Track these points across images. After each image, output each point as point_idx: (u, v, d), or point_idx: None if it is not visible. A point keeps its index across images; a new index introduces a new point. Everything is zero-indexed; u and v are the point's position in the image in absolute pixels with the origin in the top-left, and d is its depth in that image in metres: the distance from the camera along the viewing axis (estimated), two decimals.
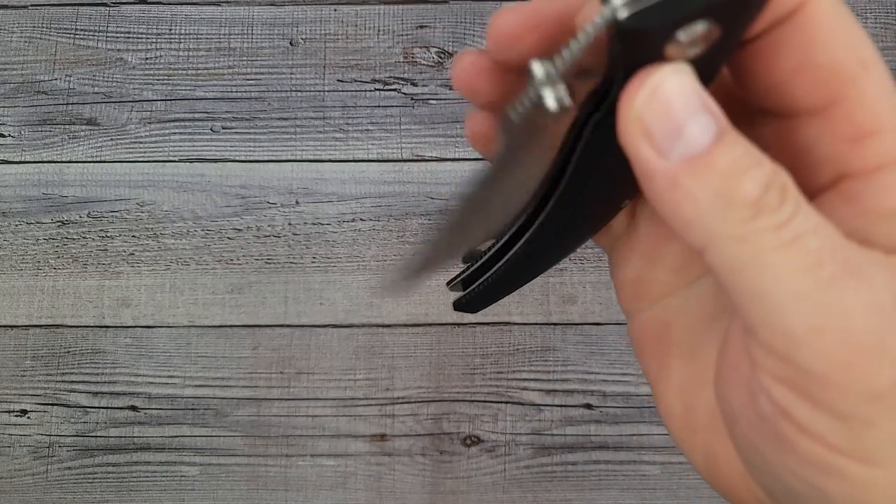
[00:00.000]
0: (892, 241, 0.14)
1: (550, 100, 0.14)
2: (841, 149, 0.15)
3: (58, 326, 0.50)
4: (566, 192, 0.18)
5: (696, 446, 0.19)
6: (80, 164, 0.52)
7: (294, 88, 0.52)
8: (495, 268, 0.22)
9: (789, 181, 0.14)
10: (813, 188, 0.16)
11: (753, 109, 0.17)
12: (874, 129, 0.15)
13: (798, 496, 0.15)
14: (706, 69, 0.14)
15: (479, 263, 0.23)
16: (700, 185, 0.13)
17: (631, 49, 0.14)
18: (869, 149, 0.15)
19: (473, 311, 0.24)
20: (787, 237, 0.13)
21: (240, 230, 0.51)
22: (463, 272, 0.24)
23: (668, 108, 0.14)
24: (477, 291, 0.23)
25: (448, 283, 0.24)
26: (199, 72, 0.53)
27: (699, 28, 0.13)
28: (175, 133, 0.52)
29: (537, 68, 0.14)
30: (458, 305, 0.23)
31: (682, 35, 0.13)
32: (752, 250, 0.13)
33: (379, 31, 0.53)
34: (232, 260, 0.51)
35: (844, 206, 0.15)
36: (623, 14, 0.13)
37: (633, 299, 0.20)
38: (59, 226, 0.51)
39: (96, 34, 0.53)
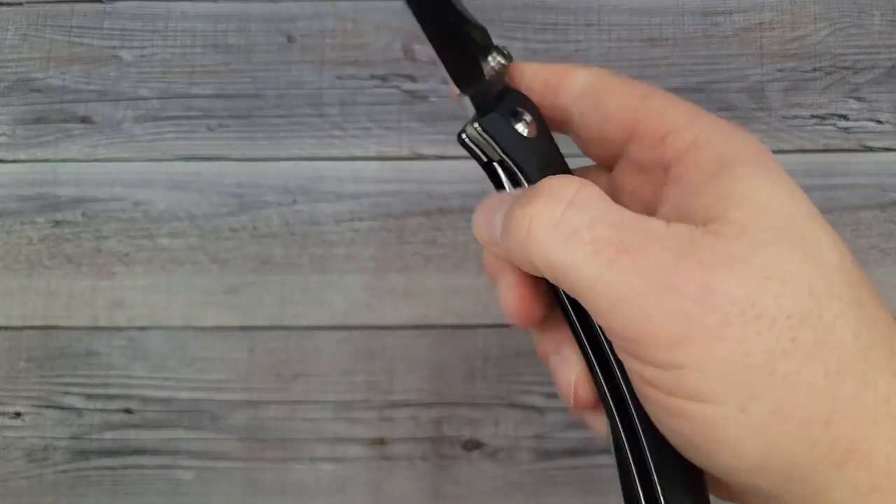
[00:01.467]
0: (706, 212, 0.17)
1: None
2: (654, 151, 0.20)
3: (52, 328, 0.50)
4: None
5: None
6: (74, 163, 0.51)
7: (291, 85, 0.52)
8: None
9: (557, 186, 0.18)
10: (658, 186, 0.20)
11: (612, 162, 0.23)
12: (668, 129, 0.20)
13: (690, 454, 0.18)
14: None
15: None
16: (504, 235, 0.20)
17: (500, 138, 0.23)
18: (671, 143, 0.20)
19: None
20: (564, 232, 0.17)
21: (236, 230, 0.50)
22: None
23: (484, 214, 0.23)
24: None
25: None
26: (195, 69, 0.52)
27: (526, 117, 0.22)
28: (170, 131, 0.52)
29: None
30: None
31: (519, 120, 0.22)
32: (548, 252, 0.17)
33: (378, 26, 0.52)
34: (228, 260, 0.50)
35: (672, 189, 0.19)
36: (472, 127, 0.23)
37: None
38: (53, 225, 0.51)
39: (91, 31, 0.53)
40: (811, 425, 0.15)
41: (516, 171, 0.23)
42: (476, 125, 0.22)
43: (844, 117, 0.51)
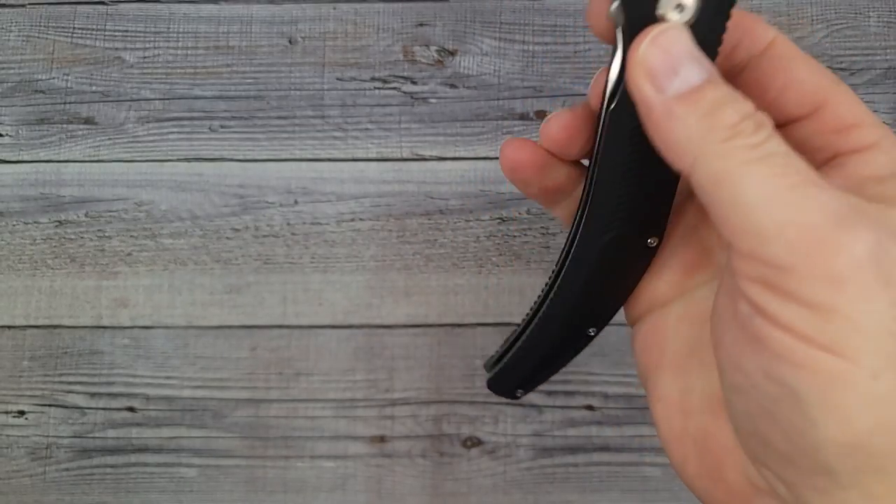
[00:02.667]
0: (884, 197, 0.17)
1: None
2: (830, 139, 0.19)
3: (55, 327, 0.50)
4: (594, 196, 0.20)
5: (688, 432, 0.21)
6: (77, 164, 0.51)
7: (293, 87, 0.52)
8: (523, 336, 0.23)
9: (766, 120, 0.17)
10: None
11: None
12: (855, 122, 0.19)
13: (775, 409, 0.17)
14: (704, 39, 0.18)
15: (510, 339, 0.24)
16: (690, 112, 0.17)
17: (631, 12, 0.18)
18: (853, 137, 0.19)
19: (506, 393, 0.24)
20: (759, 154, 0.16)
21: (238, 230, 0.51)
22: (498, 350, 0.24)
23: (666, 51, 0.17)
24: (505, 366, 0.24)
25: (485, 365, 0.24)
26: (198, 70, 0.52)
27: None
28: (173, 132, 0.52)
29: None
30: (490, 383, 0.24)
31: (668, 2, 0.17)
32: (730, 163, 0.16)
33: (378, 29, 0.53)
34: (230, 260, 0.50)
35: (835, 173, 0.19)
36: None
37: (638, 310, 0.24)
38: (56, 226, 0.51)
39: (94, 33, 0.53)
40: None
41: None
42: None
43: None
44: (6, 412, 0.49)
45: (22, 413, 0.49)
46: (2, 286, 0.50)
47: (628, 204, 0.20)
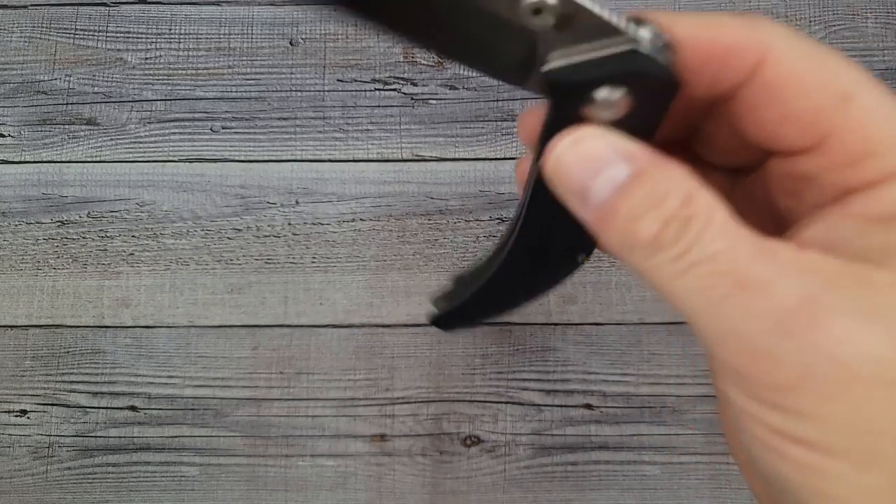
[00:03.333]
0: (884, 245, 0.15)
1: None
2: (841, 173, 0.16)
3: (57, 326, 0.50)
4: (523, 226, 0.21)
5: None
6: (79, 164, 0.52)
7: (294, 88, 0.52)
8: (475, 287, 0.23)
9: (699, 210, 0.15)
10: (820, 203, 0.17)
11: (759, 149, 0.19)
12: (868, 151, 0.16)
13: (776, 496, 0.16)
14: (639, 125, 0.16)
15: (462, 283, 0.25)
16: (609, 231, 0.16)
17: (555, 100, 0.16)
18: (866, 169, 0.16)
19: (448, 328, 0.25)
20: (682, 267, 0.15)
21: (239, 230, 0.51)
22: (448, 289, 0.25)
23: (569, 174, 0.16)
24: (454, 309, 0.24)
25: (432, 300, 0.25)
26: (199, 71, 0.53)
27: (614, 94, 0.16)
28: (175, 133, 0.52)
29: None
30: (434, 320, 0.24)
31: (599, 95, 0.16)
32: (657, 279, 0.15)
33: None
34: (231, 260, 0.51)
35: (843, 215, 0.16)
36: (548, 66, 0.16)
37: None
38: (58, 226, 0.51)
39: (96, 34, 0.53)
40: None
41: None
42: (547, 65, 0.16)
43: None
44: (8, 411, 0.49)
45: (24, 412, 0.49)
46: (4, 286, 0.51)
47: (557, 234, 0.21)
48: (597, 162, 0.16)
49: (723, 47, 0.16)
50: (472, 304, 0.23)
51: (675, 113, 0.17)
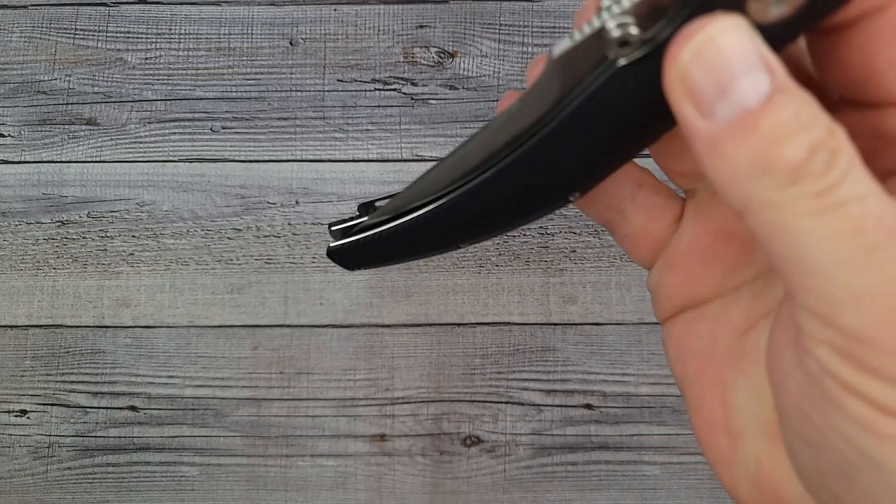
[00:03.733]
0: None
1: (612, 25, 0.14)
2: None
3: (57, 326, 0.50)
4: (534, 148, 0.16)
5: (738, 459, 0.18)
6: (79, 164, 0.52)
7: (294, 88, 0.52)
8: (392, 224, 0.19)
9: (844, 144, 0.13)
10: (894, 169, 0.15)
11: (836, 98, 0.16)
12: None
13: (852, 472, 0.14)
14: (781, 35, 0.14)
15: (376, 214, 0.20)
16: (740, 149, 0.13)
17: None
18: None
19: (347, 265, 0.20)
20: (828, 203, 0.13)
21: (239, 230, 0.51)
22: (353, 219, 0.20)
23: (715, 67, 0.13)
24: (360, 242, 0.19)
25: (330, 226, 0.20)
26: (199, 72, 0.53)
27: None
28: (175, 133, 0.52)
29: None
30: (332, 252, 0.20)
31: None
32: (788, 215, 0.13)
33: (379, 30, 0.53)
34: (232, 260, 0.51)
35: None
36: None
37: (669, 306, 0.20)
38: (58, 226, 0.51)
39: (96, 34, 0.53)
40: None
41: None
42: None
43: None
44: (8, 411, 0.49)
45: (24, 412, 0.49)
46: (4, 286, 0.51)
47: (570, 161, 0.17)
48: (740, 63, 0.13)
49: None
50: (391, 235, 0.19)
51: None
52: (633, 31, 0.14)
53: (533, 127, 0.16)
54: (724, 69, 0.13)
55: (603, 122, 0.15)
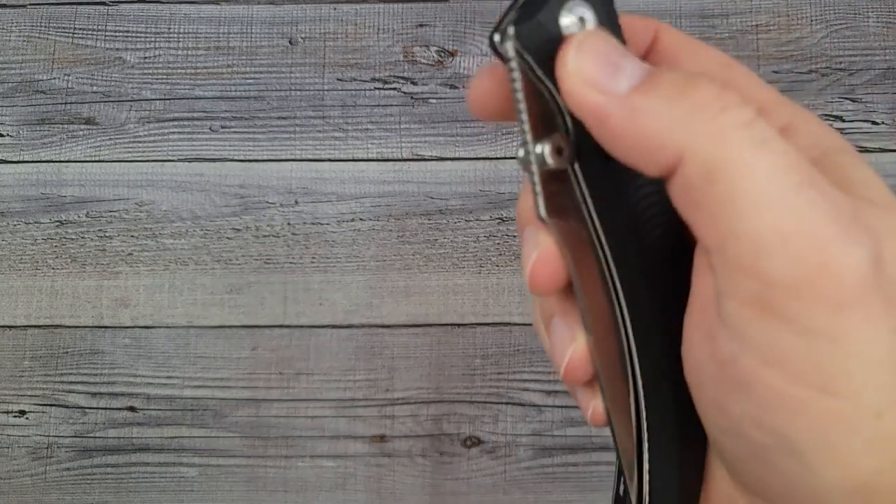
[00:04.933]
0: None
1: (541, 150, 0.15)
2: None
3: (56, 327, 0.50)
4: (619, 267, 0.17)
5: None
6: (78, 164, 0.52)
7: (293, 87, 0.52)
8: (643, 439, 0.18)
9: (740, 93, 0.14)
10: None
11: None
12: (762, 107, 0.16)
13: (766, 455, 0.15)
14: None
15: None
16: (658, 97, 0.14)
17: (532, 37, 0.15)
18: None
19: None
20: (758, 137, 0.13)
21: (238, 230, 0.51)
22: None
23: (598, 52, 0.14)
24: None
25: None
26: (198, 71, 0.53)
27: (579, 9, 0.15)
28: (174, 132, 0.52)
29: (519, 155, 0.16)
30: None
31: (566, 20, 0.15)
32: (727, 149, 0.13)
33: (379, 29, 0.53)
34: (231, 260, 0.50)
35: None
36: (511, 28, 0.15)
37: None
38: (57, 226, 0.51)
39: (95, 33, 0.53)
40: None
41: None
42: (507, 34, 0.15)
43: (840, 118, 0.51)
44: (7, 412, 0.49)
45: (23, 413, 0.49)
46: (3, 286, 0.50)
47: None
48: (615, 49, 0.15)
49: (625, 21, 0.17)
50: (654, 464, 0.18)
51: None
52: (556, 139, 0.15)
53: (603, 270, 0.17)
54: (608, 50, 0.14)
55: (622, 206, 0.16)
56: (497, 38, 0.15)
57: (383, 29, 0.53)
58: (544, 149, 0.15)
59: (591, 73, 0.14)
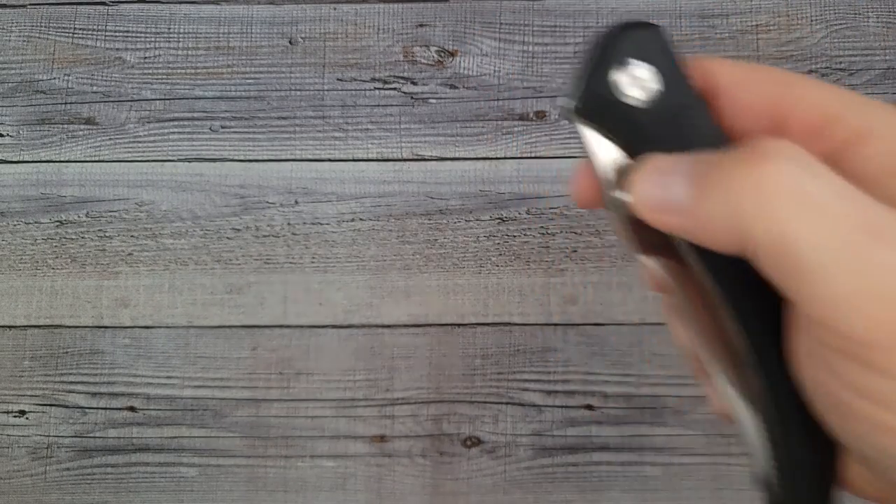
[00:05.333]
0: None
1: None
2: (811, 144, 0.17)
3: (56, 327, 0.50)
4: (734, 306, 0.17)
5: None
6: (78, 164, 0.52)
7: (293, 87, 0.52)
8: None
9: (788, 151, 0.15)
10: None
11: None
12: (825, 118, 0.17)
13: (883, 469, 0.15)
14: (677, 106, 0.17)
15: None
16: (708, 202, 0.15)
17: (590, 102, 0.16)
18: (830, 134, 0.17)
19: None
20: (807, 201, 0.14)
21: (238, 230, 0.51)
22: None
23: (650, 177, 0.16)
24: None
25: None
26: (198, 71, 0.53)
27: (637, 70, 0.16)
28: (174, 132, 0.52)
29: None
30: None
31: (622, 78, 0.16)
32: (780, 226, 0.14)
33: (379, 29, 0.53)
34: (231, 260, 0.50)
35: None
36: (571, 101, 0.16)
37: None
38: (57, 226, 0.51)
39: (95, 33, 0.53)
40: None
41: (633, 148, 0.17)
42: (570, 107, 0.16)
43: None
44: (7, 412, 0.49)
45: (23, 413, 0.49)
46: (3, 286, 0.50)
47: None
48: (665, 165, 0.16)
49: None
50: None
51: None
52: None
53: (727, 310, 0.17)
54: (659, 172, 0.16)
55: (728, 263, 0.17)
56: (564, 113, 0.17)
57: (383, 29, 0.53)
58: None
59: (651, 197, 0.16)
